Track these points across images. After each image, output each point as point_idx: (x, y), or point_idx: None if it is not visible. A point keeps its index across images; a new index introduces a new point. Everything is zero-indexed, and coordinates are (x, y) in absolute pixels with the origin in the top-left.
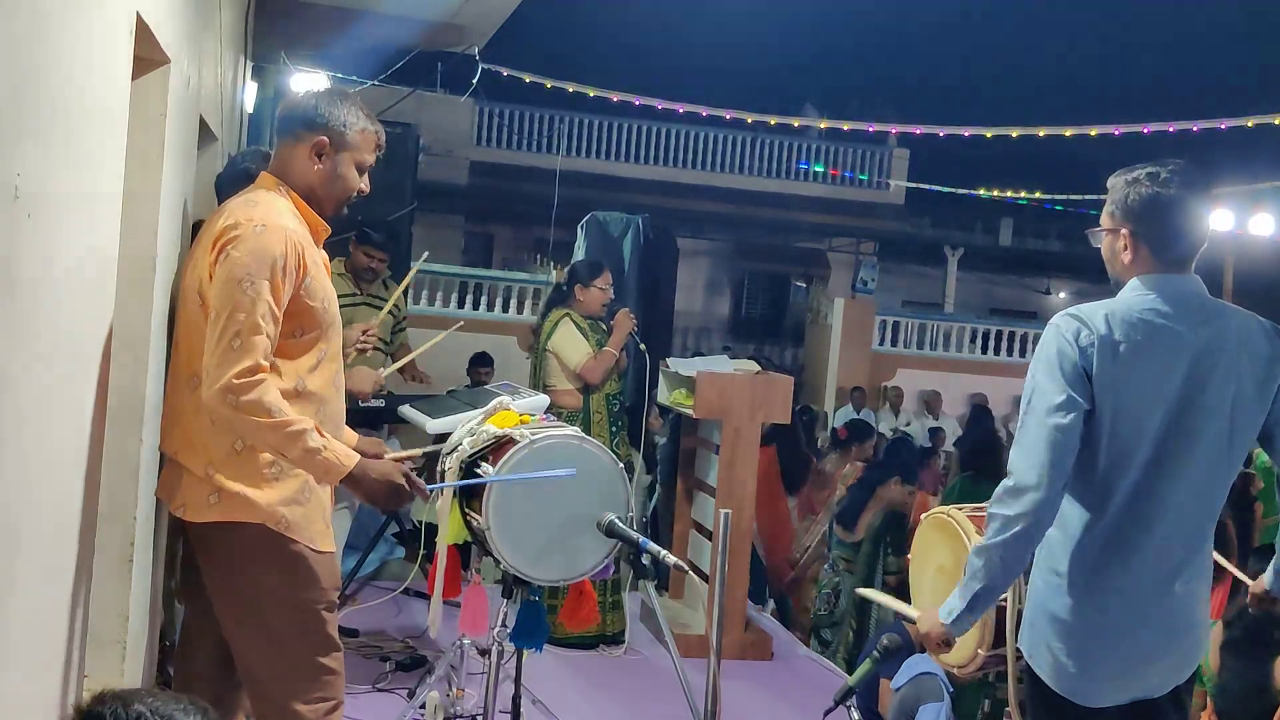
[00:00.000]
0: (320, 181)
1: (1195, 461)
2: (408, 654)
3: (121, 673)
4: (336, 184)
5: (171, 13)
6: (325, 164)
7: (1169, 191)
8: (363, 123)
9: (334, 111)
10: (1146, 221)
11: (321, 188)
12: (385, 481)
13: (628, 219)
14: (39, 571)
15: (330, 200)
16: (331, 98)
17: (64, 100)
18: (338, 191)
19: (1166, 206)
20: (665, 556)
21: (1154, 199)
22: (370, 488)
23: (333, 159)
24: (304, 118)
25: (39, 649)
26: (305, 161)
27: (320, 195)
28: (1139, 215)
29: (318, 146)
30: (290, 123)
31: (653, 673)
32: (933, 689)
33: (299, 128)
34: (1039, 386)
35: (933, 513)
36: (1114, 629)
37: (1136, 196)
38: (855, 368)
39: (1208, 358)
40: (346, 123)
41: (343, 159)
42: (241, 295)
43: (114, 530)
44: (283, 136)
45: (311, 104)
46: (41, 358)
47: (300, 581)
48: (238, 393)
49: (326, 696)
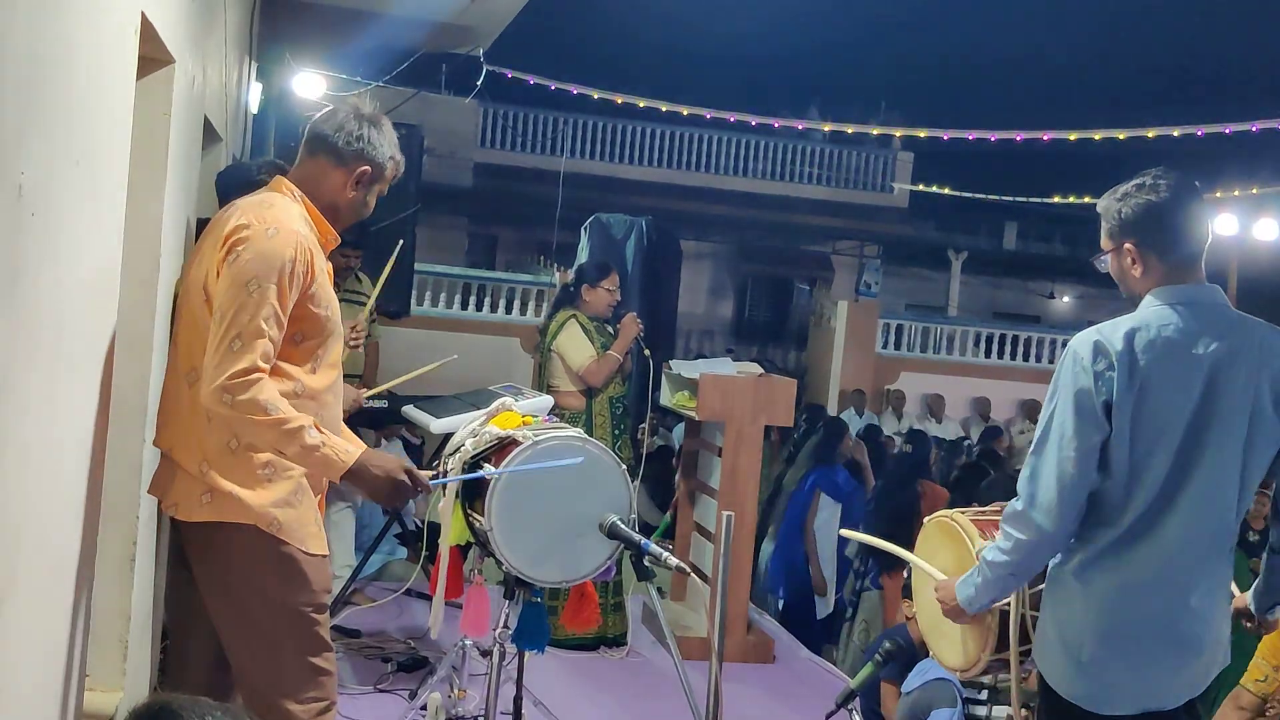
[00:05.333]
0: (347, 204)
1: (1211, 476)
2: (409, 655)
3: (124, 672)
4: (361, 209)
5: (177, 13)
6: (359, 191)
7: (1160, 195)
8: (399, 155)
9: (380, 143)
10: (1146, 229)
11: (346, 209)
12: (387, 476)
13: (631, 221)
14: (41, 571)
15: (349, 218)
16: (376, 126)
17: (69, 99)
18: (360, 214)
19: (1162, 209)
20: (667, 558)
21: (1148, 206)
22: (372, 483)
23: (366, 189)
24: (350, 145)
25: (41, 648)
26: (340, 184)
27: (343, 215)
28: (1137, 225)
29: (361, 176)
30: (330, 143)
31: (654, 675)
32: (945, 694)
33: (343, 152)
34: (1055, 416)
35: (936, 516)
36: (1128, 642)
37: (1130, 209)
38: (858, 371)
39: (1226, 371)
40: (391, 158)
41: (374, 189)
42: (247, 297)
43: (116, 530)
44: (318, 153)
45: (358, 131)
46: (44, 356)
47: (291, 584)
48: (233, 392)
49: (319, 697)
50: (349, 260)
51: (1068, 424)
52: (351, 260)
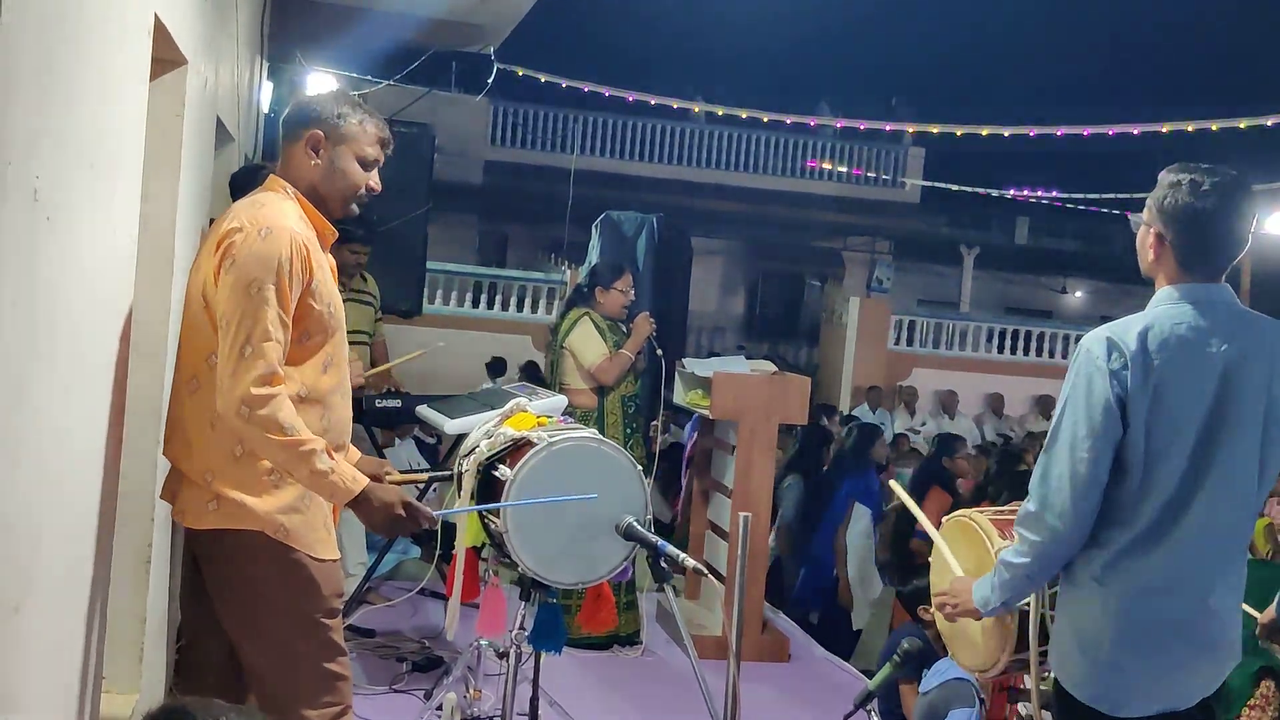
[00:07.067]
0: (320, 178)
1: (1226, 476)
2: (424, 655)
3: (139, 674)
4: (337, 178)
5: (189, 14)
6: (322, 158)
7: (1205, 205)
8: (358, 115)
9: (326, 105)
10: (1176, 230)
11: (323, 184)
12: (386, 509)
13: (642, 218)
14: (58, 574)
15: (335, 198)
16: (326, 95)
17: (82, 102)
18: (342, 187)
19: (1198, 220)
20: (684, 559)
21: (1188, 210)
22: (371, 515)
23: (329, 152)
24: (298, 115)
25: (59, 651)
26: (303, 158)
27: (323, 193)
28: (1170, 222)
29: (312, 140)
30: (288, 123)
31: (670, 674)
32: (964, 694)
33: (294, 126)
34: (1067, 415)
35: (955, 515)
36: (1144, 642)
37: (1173, 202)
38: (870, 367)
39: (1240, 370)
40: (341, 114)
41: (340, 152)
42: (249, 301)
43: (131, 533)
44: (284, 139)
45: (305, 102)
46: (60, 360)
47: (300, 590)
48: (253, 405)
49: (334, 701)
50: (357, 256)
51: (1080, 424)
52: (360, 256)
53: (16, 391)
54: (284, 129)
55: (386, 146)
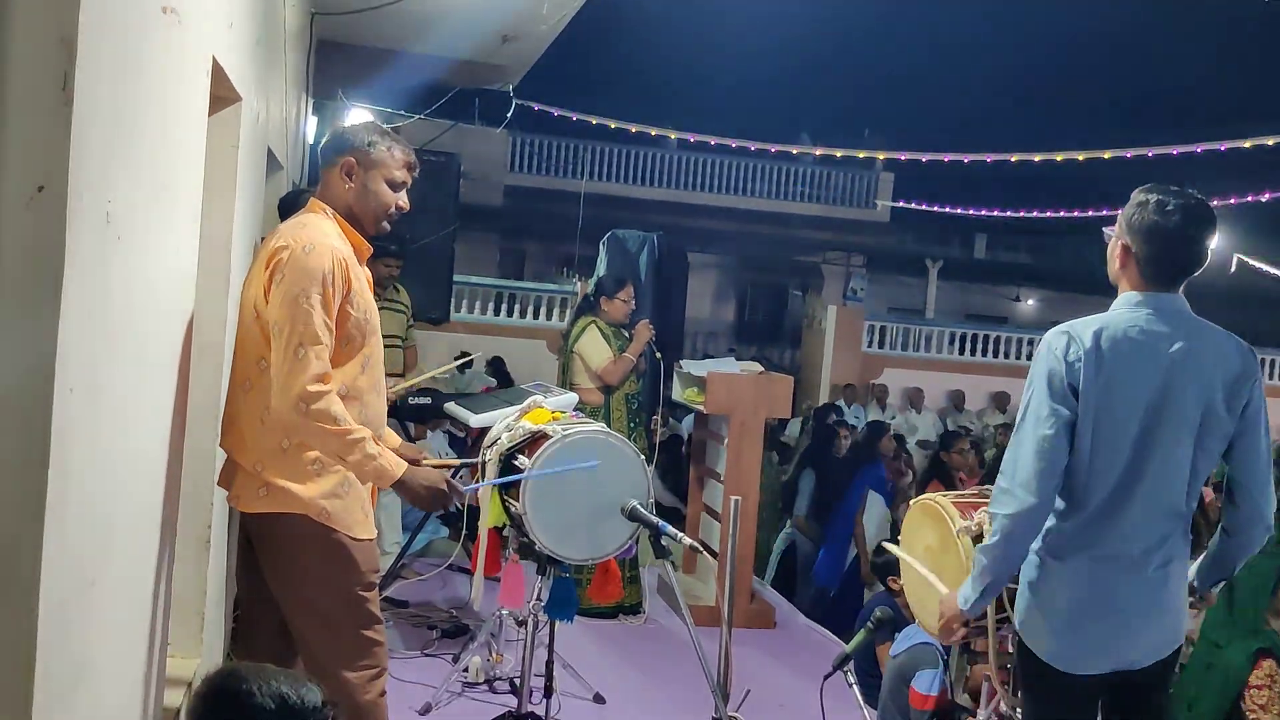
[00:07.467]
0: (355, 199)
1: (1165, 465)
2: (452, 623)
3: (200, 640)
4: (370, 199)
5: (243, 56)
6: (356, 182)
7: (1168, 223)
8: (387, 142)
9: (358, 135)
10: (1140, 243)
11: (357, 205)
12: (430, 487)
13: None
14: (129, 553)
15: (368, 216)
16: (359, 126)
17: (149, 134)
18: (374, 207)
19: (1161, 236)
20: (682, 538)
21: (1152, 227)
22: (415, 492)
23: (362, 176)
24: (334, 144)
25: (130, 621)
26: (339, 182)
27: (357, 212)
28: (1136, 235)
29: (346, 167)
30: (325, 151)
31: (669, 639)
32: (928, 656)
33: (331, 154)
34: (1032, 400)
35: (920, 499)
36: (1094, 604)
37: (1140, 218)
38: (846, 367)
39: (1183, 370)
40: (370, 142)
41: (371, 176)
42: (298, 310)
43: (193, 516)
44: (323, 166)
45: (340, 132)
46: (130, 364)
47: (341, 567)
48: (309, 400)
49: (371, 664)
50: (390, 269)
51: (1043, 405)
52: (394, 269)
53: (92, 391)
54: (322, 157)
55: (413, 170)
